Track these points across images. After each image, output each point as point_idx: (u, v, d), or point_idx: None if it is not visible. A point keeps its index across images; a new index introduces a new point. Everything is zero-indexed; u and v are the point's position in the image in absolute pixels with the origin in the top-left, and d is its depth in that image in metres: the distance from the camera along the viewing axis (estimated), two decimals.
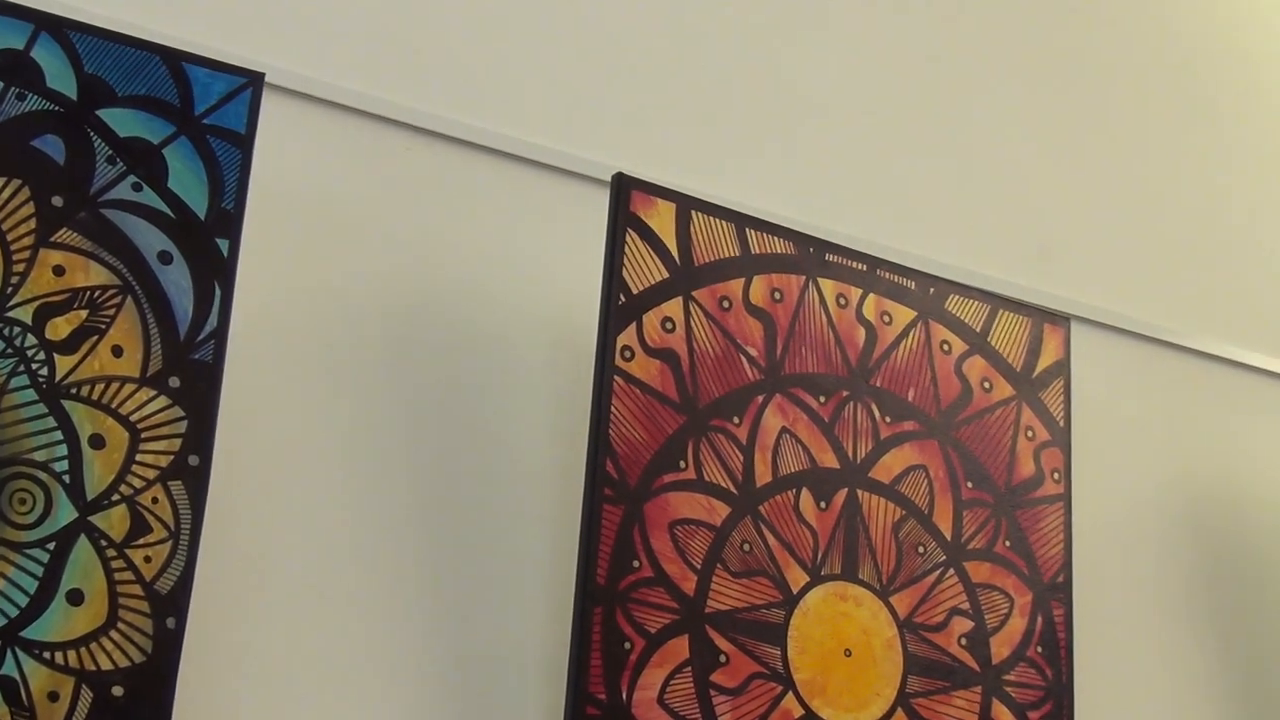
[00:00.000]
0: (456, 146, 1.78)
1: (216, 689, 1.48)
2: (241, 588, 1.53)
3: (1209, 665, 2.08)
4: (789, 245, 1.80)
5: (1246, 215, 2.34)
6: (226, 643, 1.50)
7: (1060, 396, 1.93)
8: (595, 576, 1.58)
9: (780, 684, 1.67)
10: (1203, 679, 2.07)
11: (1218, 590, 2.11)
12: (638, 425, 1.65)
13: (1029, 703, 1.80)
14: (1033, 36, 2.26)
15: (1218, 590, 2.11)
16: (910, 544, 1.79)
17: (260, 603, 1.54)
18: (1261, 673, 2.11)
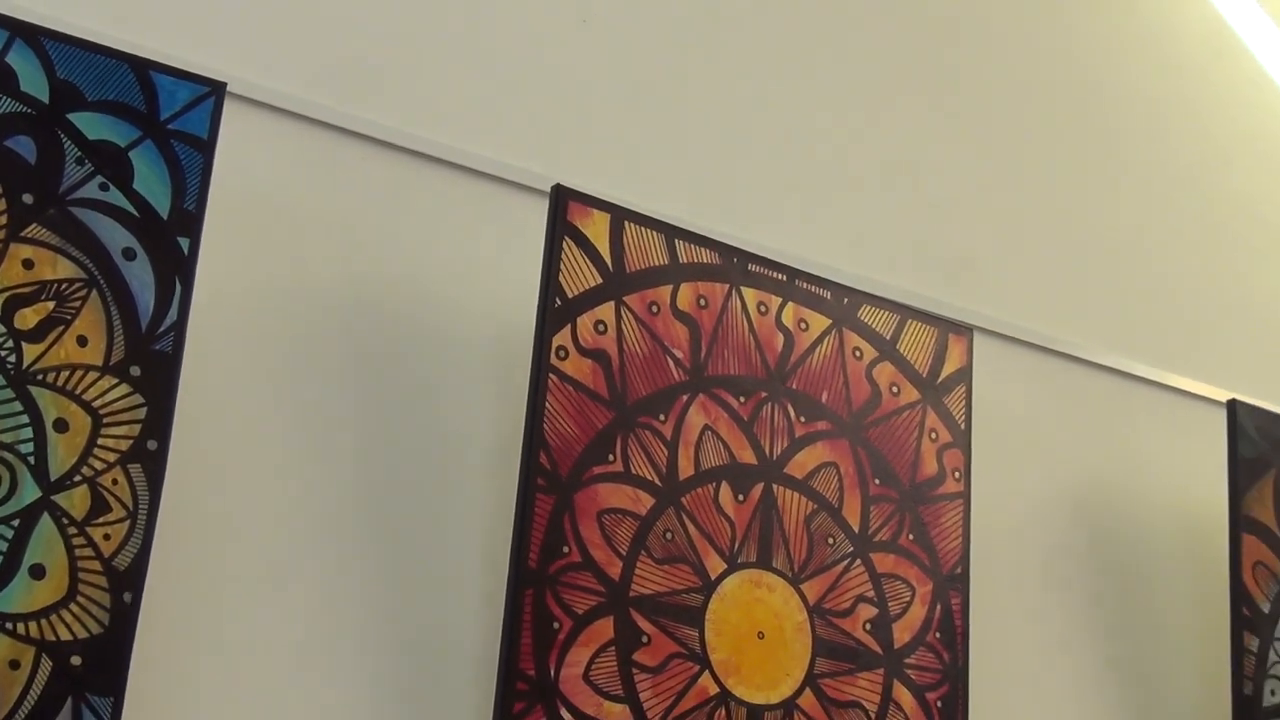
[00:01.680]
0: (406, 157, 1.78)
1: (170, 660, 1.47)
2: (195, 566, 1.52)
3: (1094, 651, 2.10)
4: (714, 255, 1.80)
5: (1137, 238, 2.36)
6: (180, 617, 1.49)
7: (962, 401, 1.94)
8: (527, 561, 1.59)
9: (697, 664, 1.67)
10: (1088, 664, 2.10)
11: (1103, 583, 2.13)
12: (570, 420, 1.65)
13: (927, 684, 1.82)
14: (947, 66, 2.27)
15: (1103, 583, 2.13)
16: (821, 535, 1.80)
17: (212, 580, 1.54)
18: (1141, 658, 2.13)
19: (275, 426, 1.63)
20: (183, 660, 1.49)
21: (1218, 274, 2.42)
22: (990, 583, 1.96)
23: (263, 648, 1.55)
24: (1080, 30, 2.41)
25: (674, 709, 1.64)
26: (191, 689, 1.50)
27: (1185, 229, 2.41)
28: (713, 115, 2.04)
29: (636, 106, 1.98)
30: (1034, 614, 2.07)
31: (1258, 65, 2.55)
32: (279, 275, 1.67)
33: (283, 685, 1.55)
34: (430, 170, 1.79)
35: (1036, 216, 2.27)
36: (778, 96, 2.10)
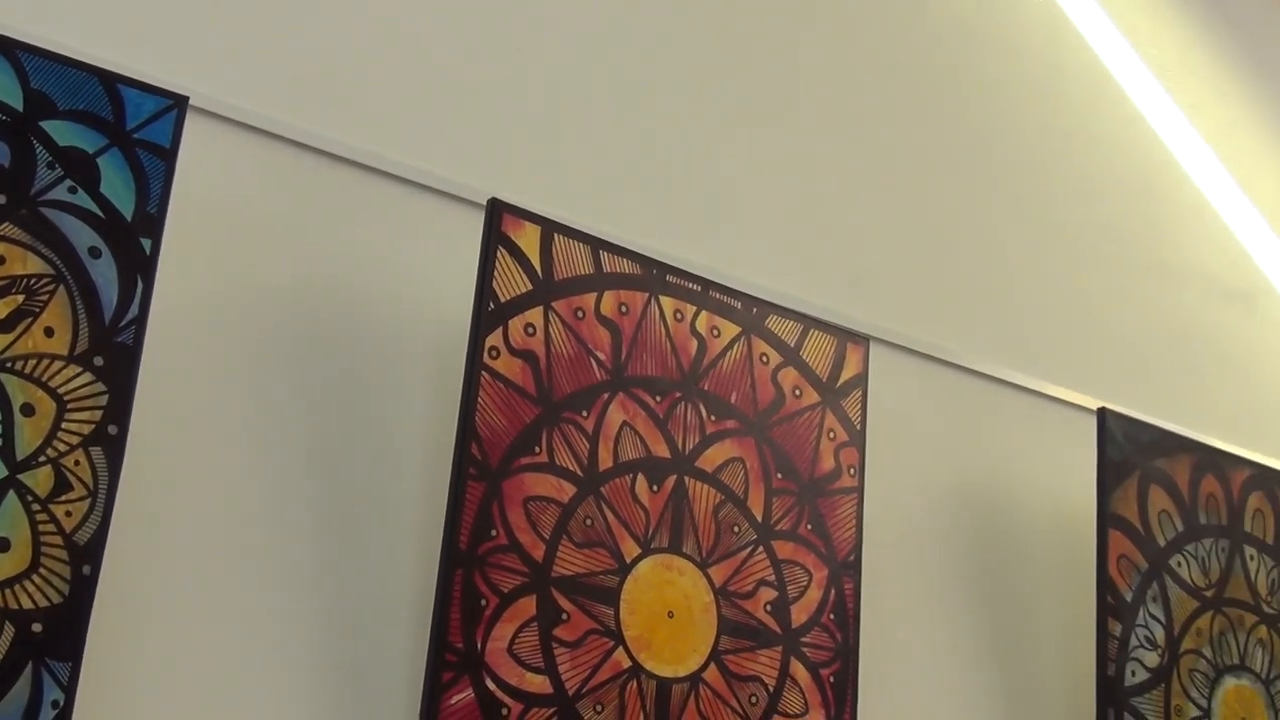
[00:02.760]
0: (355, 170, 1.78)
1: (124, 629, 1.48)
2: (150, 542, 1.52)
3: (972, 635, 2.12)
4: (636, 266, 1.82)
5: (1017, 257, 2.39)
6: (135, 589, 1.49)
7: (858, 404, 1.95)
8: (458, 543, 1.59)
9: (612, 639, 1.68)
10: (967, 646, 2.12)
11: (982, 573, 2.15)
12: (500, 414, 1.66)
13: (821, 661, 1.83)
14: (847, 97, 2.28)
15: (982, 573, 2.15)
16: (727, 524, 1.81)
17: (165, 555, 1.54)
18: (1015, 641, 2.15)
19: (227, 415, 1.63)
20: (136, 628, 1.49)
21: (1091, 292, 2.44)
22: (880, 570, 1.98)
23: (211, 618, 1.55)
24: (970, 62, 2.43)
25: (590, 680, 1.65)
26: (144, 655, 1.50)
27: (1061, 251, 2.43)
28: (636, 137, 2.05)
29: (566, 128, 1.98)
30: (919, 599, 2.08)
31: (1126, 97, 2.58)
32: (234, 275, 1.67)
33: (229, 653, 1.55)
34: (376, 182, 1.79)
35: (926, 237, 2.29)
36: (696, 123, 2.11)
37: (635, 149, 2.05)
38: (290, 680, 1.58)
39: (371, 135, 1.81)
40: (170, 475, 1.56)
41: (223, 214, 1.67)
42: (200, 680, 1.53)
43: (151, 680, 1.50)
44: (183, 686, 1.52)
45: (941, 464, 2.17)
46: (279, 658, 1.58)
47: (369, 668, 1.62)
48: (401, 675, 1.63)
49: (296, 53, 1.80)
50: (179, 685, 1.52)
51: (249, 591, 1.58)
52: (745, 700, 1.76)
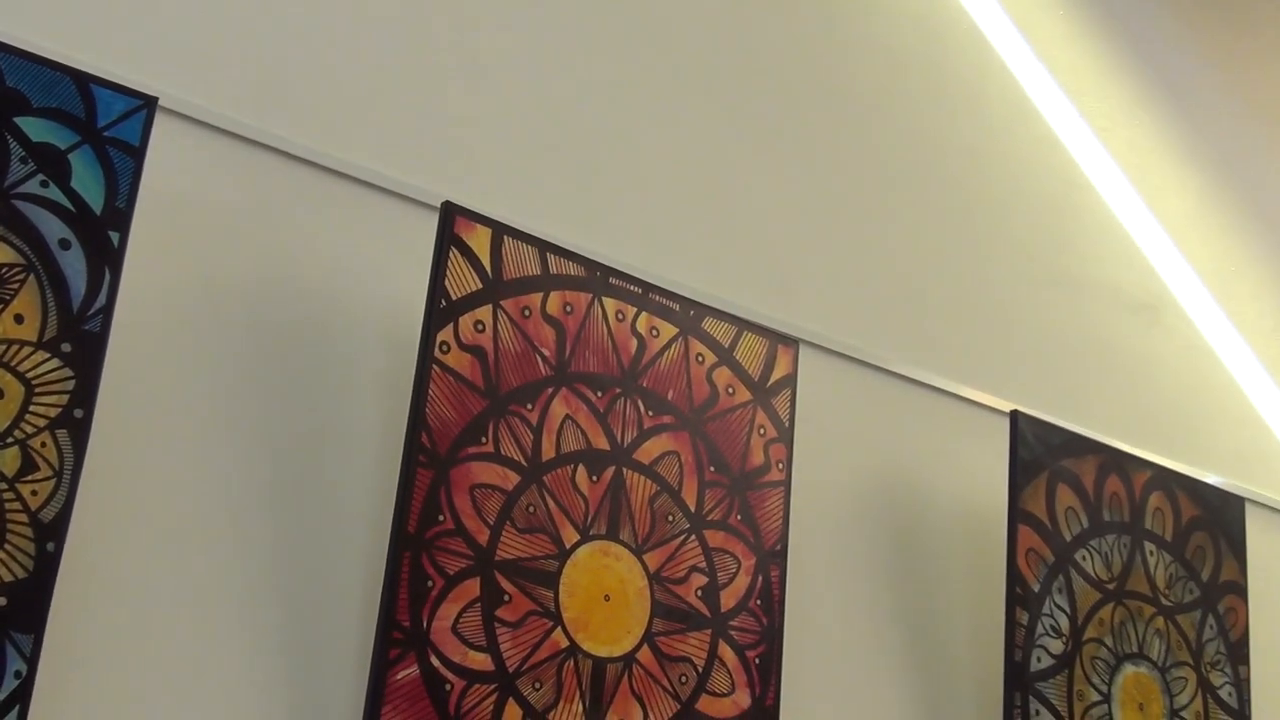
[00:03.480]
0: (316, 171, 1.77)
1: (86, 603, 1.48)
2: (112, 521, 1.52)
3: (890, 621, 2.13)
4: (580, 268, 1.82)
5: (937, 267, 2.40)
6: (96, 565, 1.49)
7: (787, 403, 1.96)
8: (407, 526, 1.60)
9: (551, 620, 1.69)
10: (885, 632, 2.12)
11: (900, 563, 2.16)
12: (449, 406, 1.66)
13: (748, 644, 1.84)
14: (782, 112, 2.29)
15: (900, 563, 2.16)
16: (662, 513, 1.81)
17: (126, 534, 1.53)
18: (930, 627, 2.16)
19: (188, 402, 1.62)
20: (97, 603, 1.49)
21: (1006, 302, 2.46)
22: (805, 559, 1.99)
23: (169, 596, 1.55)
24: (896, 84, 2.45)
25: (529, 659, 1.66)
26: (104, 629, 1.49)
27: (979, 262, 2.45)
28: (583, 146, 2.05)
29: (518, 135, 1.99)
30: (841, 587, 2.09)
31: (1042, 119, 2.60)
32: (197, 269, 1.67)
33: (186, 628, 1.55)
34: (336, 184, 1.79)
35: (854, 247, 2.30)
36: (641, 133, 2.12)
37: (582, 157, 2.05)
38: (244, 655, 1.58)
39: (332, 139, 1.80)
40: (133, 458, 1.56)
41: (188, 210, 1.67)
42: (158, 653, 1.53)
43: (111, 653, 1.50)
44: (141, 659, 1.52)
45: (864, 461, 2.18)
46: (234, 633, 1.58)
47: (320, 644, 1.62)
48: (351, 651, 1.63)
49: (262, 58, 1.79)
50: (138, 657, 1.52)
51: (206, 570, 1.58)
52: (676, 679, 1.77)
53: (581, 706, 1.68)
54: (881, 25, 2.46)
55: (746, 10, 2.32)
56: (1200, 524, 2.35)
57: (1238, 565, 2.37)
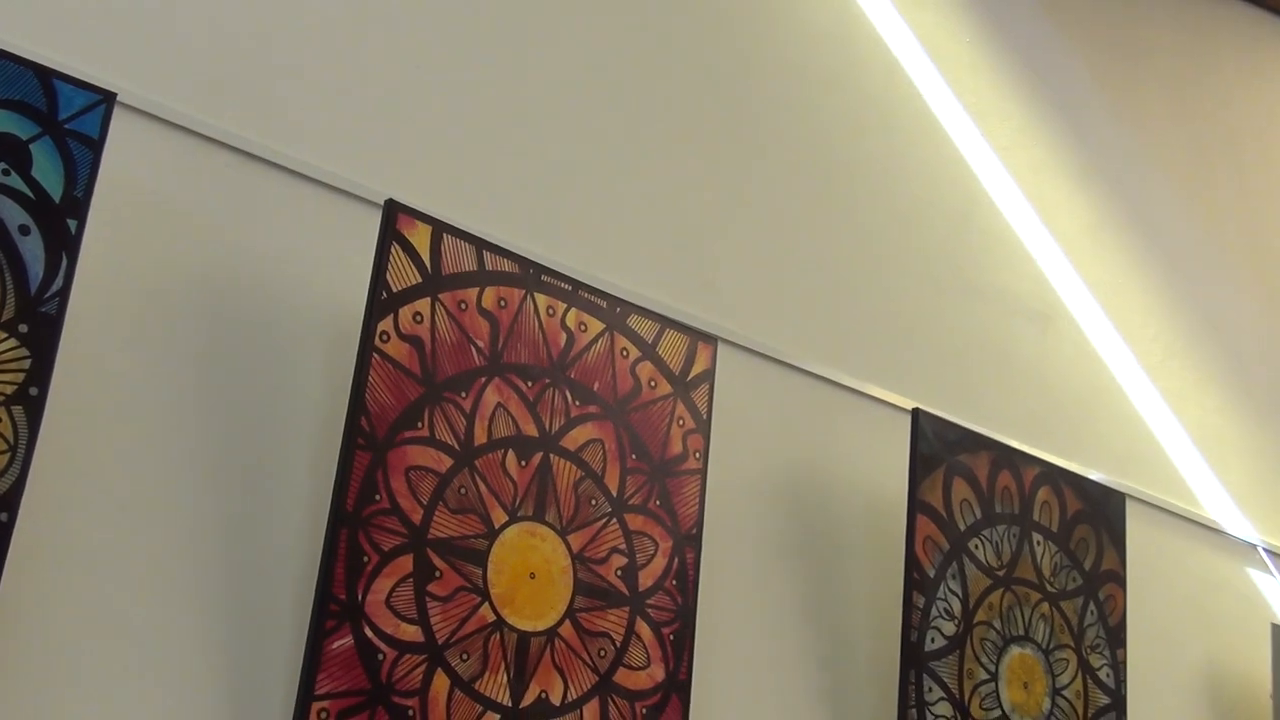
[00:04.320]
0: (267, 168, 1.77)
1: (39, 570, 1.47)
2: (64, 494, 1.51)
3: (796, 602, 2.14)
4: (515, 265, 1.82)
5: (852, 271, 2.41)
6: (48, 535, 1.49)
7: (705, 396, 1.97)
8: (345, 505, 1.60)
9: (479, 596, 1.69)
10: (791, 612, 2.13)
11: (806, 548, 2.17)
12: (388, 392, 1.66)
13: (663, 621, 1.85)
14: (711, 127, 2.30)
15: (806, 548, 2.17)
16: (586, 497, 1.82)
17: (77, 506, 1.53)
18: (833, 608, 2.17)
19: (140, 383, 1.62)
20: (50, 570, 1.49)
21: (910, 308, 2.47)
22: (718, 543, 1.99)
23: (119, 565, 1.54)
24: (817, 104, 2.46)
25: (458, 631, 1.66)
26: (55, 594, 1.49)
27: (888, 270, 2.46)
28: (521, 151, 2.05)
29: (460, 139, 1.99)
30: (751, 570, 2.10)
31: (949, 139, 2.61)
32: (151, 256, 1.66)
33: (134, 597, 1.55)
34: (286, 180, 1.79)
35: (771, 251, 2.31)
36: (573, 140, 2.12)
37: (519, 161, 2.05)
38: (190, 622, 1.57)
39: (283, 137, 1.80)
40: (86, 434, 1.55)
41: (143, 201, 1.66)
42: (106, 618, 1.52)
43: (61, 616, 1.49)
44: (90, 623, 1.51)
45: (776, 452, 2.19)
46: (181, 602, 1.58)
47: (261, 614, 1.62)
48: (290, 621, 1.63)
49: (218, 58, 1.79)
50: (86, 622, 1.51)
51: (154, 541, 1.57)
52: (595, 653, 1.77)
53: (506, 677, 1.69)
54: (804, 50, 2.47)
55: (677, 30, 2.32)
56: (1084, 517, 2.37)
57: (1117, 556, 2.39)
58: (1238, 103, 3.25)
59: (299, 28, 1.88)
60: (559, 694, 1.73)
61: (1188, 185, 3.05)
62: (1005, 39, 2.78)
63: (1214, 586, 2.74)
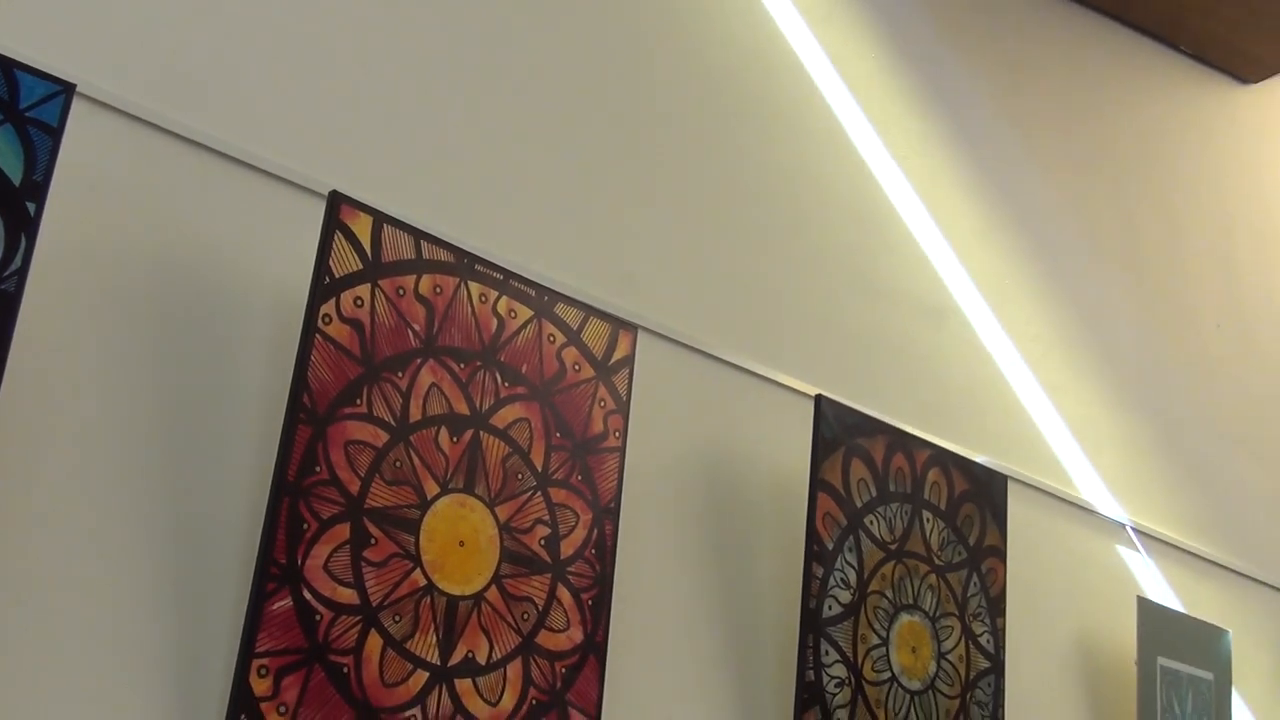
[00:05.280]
0: (217, 158, 1.76)
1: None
2: (21, 459, 1.50)
3: (706, 573, 2.15)
4: (450, 255, 1.82)
5: (762, 268, 2.42)
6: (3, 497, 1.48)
7: (625, 380, 1.97)
8: (287, 475, 1.60)
9: (411, 562, 1.69)
10: (701, 582, 2.14)
11: (716, 523, 2.18)
12: (328, 371, 1.66)
13: (583, 587, 1.86)
14: (636, 128, 2.31)
15: (716, 523, 2.18)
16: (513, 472, 1.82)
17: (36, 470, 1.52)
18: (740, 579, 2.18)
19: (95, 357, 1.60)
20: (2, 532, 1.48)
21: (816, 302, 2.49)
22: (635, 516, 2.00)
23: (69, 525, 1.53)
24: (735, 114, 2.47)
25: (391, 595, 1.66)
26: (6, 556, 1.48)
27: (797, 267, 2.47)
28: (457, 146, 2.05)
29: (401, 135, 1.98)
30: (665, 541, 2.11)
31: (854, 148, 2.63)
32: (106, 239, 1.64)
33: (85, 557, 1.54)
34: (236, 170, 1.78)
35: (689, 247, 2.33)
36: (507, 137, 2.12)
37: (456, 157, 2.05)
38: (138, 585, 1.57)
39: (234, 131, 1.79)
40: (42, 405, 1.54)
41: (100, 186, 1.65)
42: (53, 578, 1.51)
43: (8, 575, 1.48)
44: (37, 584, 1.50)
45: (690, 432, 2.19)
46: (129, 565, 1.57)
47: (206, 577, 1.62)
48: (233, 584, 1.62)
49: (174, 53, 1.77)
50: (36, 580, 1.50)
51: (106, 506, 1.57)
52: (519, 617, 1.78)
53: (436, 638, 1.69)
54: (723, 64, 2.48)
55: (604, 42, 2.32)
56: (969, 496, 2.40)
57: (999, 532, 2.42)
58: (1115, 118, 3.30)
59: (252, 30, 1.86)
60: (484, 654, 1.73)
61: (1069, 194, 3.09)
62: (907, 58, 2.81)
63: (1086, 561, 2.78)
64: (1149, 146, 3.36)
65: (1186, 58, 3.53)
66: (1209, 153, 3.52)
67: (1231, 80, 3.62)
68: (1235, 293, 3.44)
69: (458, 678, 1.70)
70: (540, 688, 1.77)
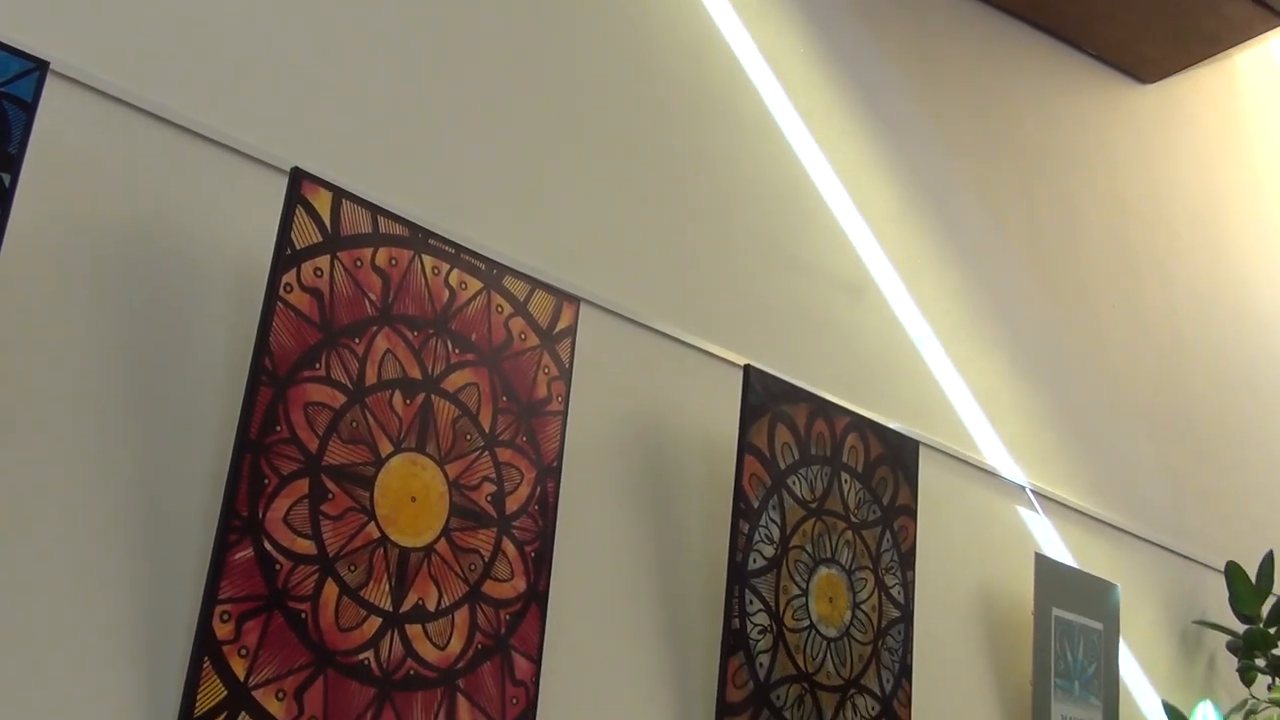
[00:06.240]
0: (187, 135, 1.74)
1: None
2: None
3: (640, 529, 2.14)
4: (405, 230, 1.82)
5: (696, 244, 2.42)
6: None
7: (568, 349, 1.97)
8: (249, 433, 1.60)
9: (366, 515, 1.69)
10: (635, 537, 2.13)
11: (651, 482, 2.17)
12: (289, 337, 1.66)
13: (526, 540, 1.86)
14: (573, 111, 2.30)
15: (651, 482, 2.17)
16: (461, 433, 1.83)
17: (8, 429, 1.50)
18: (672, 535, 2.18)
19: (65, 321, 1.59)
20: None
21: (745, 277, 2.49)
22: (575, 475, 2.01)
23: (46, 479, 1.52)
24: (664, 93, 2.46)
25: (346, 546, 1.67)
26: None
27: (727, 244, 2.47)
28: (413, 129, 2.04)
29: (361, 117, 1.97)
30: (603, 499, 2.11)
31: (781, 134, 2.63)
32: (78, 210, 1.63)
33: (58, 506, 1.53)
34: (203, 147, 1.76)
35: (629, 225, 2.32)
36: (459, 123, 2.11)
37: (411, 137, 2.03)
38: (107, 535, 1.56)
39: (202, 108, 1.77)
40: (15, 368, 1.53)
41: (72, 159, 1.63)
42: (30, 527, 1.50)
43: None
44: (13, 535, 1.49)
45: (627, 398, 2.18)
46: (99, 515, 1.56)
47: (172, 528, 1.61)
48: (198, 535, 1.62)
49: (145, 33, 1.75)
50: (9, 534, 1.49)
51: (75, 461, 1.56)
52: (466, 567, 1.79)
53: (388, 586, 1.69)
54: (661, 54, 2.48)
55: (543, 27, 2.31)
56: (884, 460, 2.41)
57: (910, 493, 2.44)
58: (1023, 112, 3.32)
59: (220, 14, 1.84)
60: (434, 601, 1.74)
61: (979, 181, 3.11)
62: (833, 51, 2.82)
63: (988, 520, 2.81)
64: (1053, 139, 3.39)
65: (1090, 58, 3.58)
66: (1107, 146, 3.56)
67: (1130, 80, 3.67)
68: (1128, 275, 3.49)
69: (408, 623, 1.71)
70: (485, 633, 1.79)
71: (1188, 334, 3.62)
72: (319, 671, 1.60)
